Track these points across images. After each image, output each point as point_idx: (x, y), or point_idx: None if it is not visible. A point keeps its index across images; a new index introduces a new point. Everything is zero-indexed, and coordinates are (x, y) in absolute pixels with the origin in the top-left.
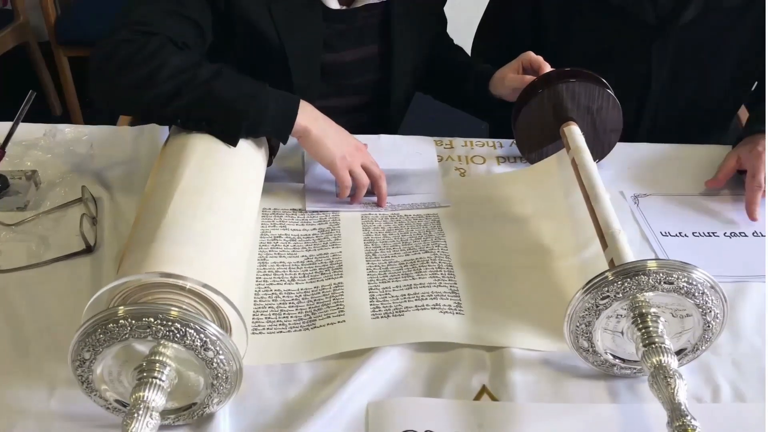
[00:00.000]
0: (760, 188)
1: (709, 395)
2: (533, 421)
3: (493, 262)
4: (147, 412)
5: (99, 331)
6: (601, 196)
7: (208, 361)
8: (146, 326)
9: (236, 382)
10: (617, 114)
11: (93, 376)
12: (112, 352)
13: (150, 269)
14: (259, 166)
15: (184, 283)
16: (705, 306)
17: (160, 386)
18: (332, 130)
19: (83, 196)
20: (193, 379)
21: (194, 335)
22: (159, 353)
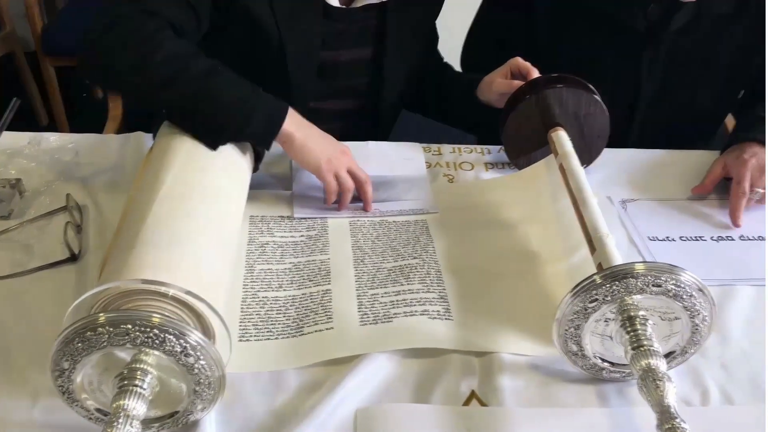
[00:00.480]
0: (744, 195)
1: (698, 398)
2: (522, 426)
3: (482, 267)
4: (127, 421)
5: (77, 340)
6: (589, 201)
7: (189, 367)
8: (124, 333)
9: (219, 387)
10: (604, 120)
11: (73, 385)
12: (92, 360)
13: (131, 276)
14: (243, 172)
15: (166, 290)
16: (693, 308)
17: (141, 394)
18: (316, 135)
19: (68, 204)
20: (175, 386)
21: (173, 341)
22: (140, 361)
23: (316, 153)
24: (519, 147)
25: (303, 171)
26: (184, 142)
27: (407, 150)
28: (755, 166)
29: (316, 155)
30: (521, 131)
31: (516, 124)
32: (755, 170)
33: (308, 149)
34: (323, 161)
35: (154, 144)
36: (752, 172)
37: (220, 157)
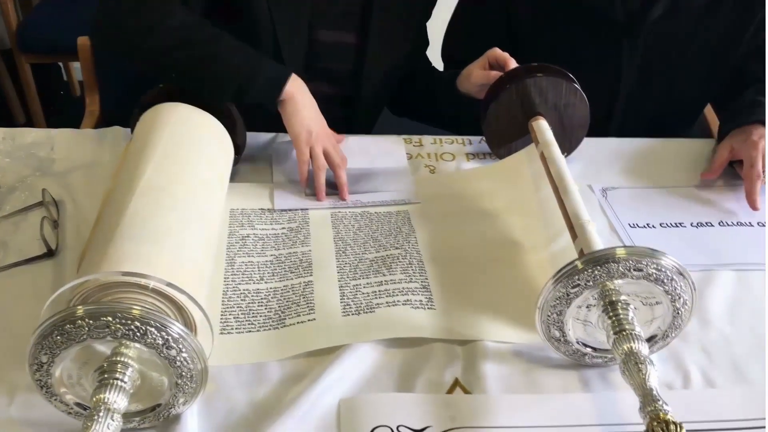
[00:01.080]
0: (759, 177)
1: (680, 382)
2: (506, 413)
3: (464, 257)
4: (108, 414)
5: (55, 333)
6: (570, 189)
7: (171, 359)
8: (104, 326)
9: (202, 381)
10: (584, 108)
11: (52, 380)
12: (71, 354)
13: (110, 268)
14: (222, 164)
15: (147, 282)
16: (674, 292)
17: (121, 387)
18: (311, 106)
19: (44, 200)
20: (156, 379)
21: (155, 333)
22: (120, 354)
23: (301, 121)
24: (500, 137)
25: (283, 164)
26: (163, 134)
27: (388, 143)
28: (762, 147)
29: (300, 123)
30: (502, 121)
31: (496, 114)
32: (761, 151)
33: (299, 114)
34: (304, 130)
35: (133, 137)
36: (763, 154)
37: (200, 150)
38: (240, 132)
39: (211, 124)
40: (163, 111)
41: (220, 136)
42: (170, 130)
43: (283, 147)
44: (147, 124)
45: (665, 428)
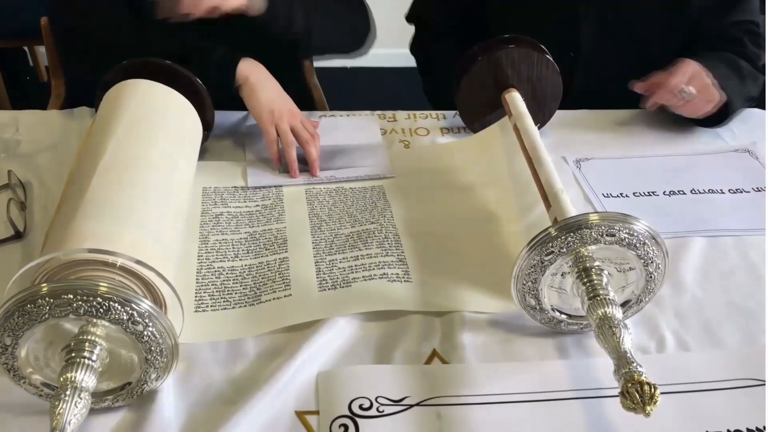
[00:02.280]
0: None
1: (654, 346)
2: (484, 381)
3: (440, 230)
4: (75, 392)
5: (17, 314)
6: (544, 159)
7: (138, 334)
8: (66, 304)
9: (172, 355)
10: (557, 80)
11: (18, 362)
12: (35, 335)
13: (72, 247)
14: (187, 139)
15: (114, 259)
16: (647, 257)
17: (89, 366)
18: (270, 85)
19: (10, 181)
20: (125, 356)
21: (119, 309)
22: (87, 332)
23: (262, 100)
24: (473, 111)
25: (256, 142)
26: (124, 112)
27: (361, 120)
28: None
29: (261, 102)
30: (475, 94)
31: (469, 88)
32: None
33: (257, 95)
34: (265, 110)
35: (96, 116)
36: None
37: (162, 125)
38: (209, 107)
39: (174, 100)
40: (124, 89)
41: (183, 111)
42: (131, 107)
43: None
44: (109, 102)
45: (639, 389)
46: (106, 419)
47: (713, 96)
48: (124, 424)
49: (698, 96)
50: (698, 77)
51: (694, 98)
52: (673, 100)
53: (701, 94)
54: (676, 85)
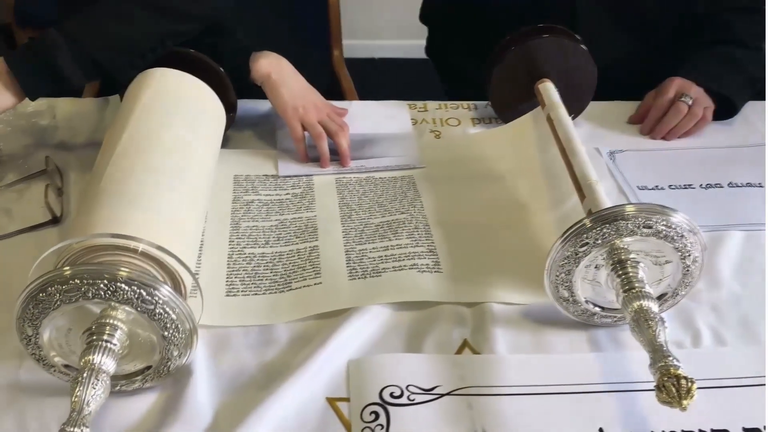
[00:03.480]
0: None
1: (690, 341)
2: (515, 372)
3: (471, 220)
4: (93, 374)
5: (31, 305)
6: (578, 149)
7: (150, 313)
8: (75, 289)
9: (191, 331)
10: (591, 70)
11: (43, 351)
12: (53, 322)
13: (84, 234)
14: (206, 122)
15: (136, 245)
16: (684, 250)
17: (109, 349)
18: (292, 81)
19: (47, 167)
20: (145, 337)
21: (125, 289)
22: (108, 316)
23: (285, 97)
24: (505, 101)
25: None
26: (139, 101)
27: (391, 108)
28: (681, 83)
29: (284, 99)
30: (507, 84)
31: (501, 78)
32: (677, 88)
33: (279, 91)
34: (290, 107)
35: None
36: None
37: (178, 111)
38: (229, 89)
39: (189, 83)
40: (142, 78)
41: (200, 94)
42: (146, 95)
43: None
44: (128, 93)
45: (676, 383)
46: (139, 402)
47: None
48: (157, 407)
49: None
50: (685, 90)
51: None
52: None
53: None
54: (667, 100)
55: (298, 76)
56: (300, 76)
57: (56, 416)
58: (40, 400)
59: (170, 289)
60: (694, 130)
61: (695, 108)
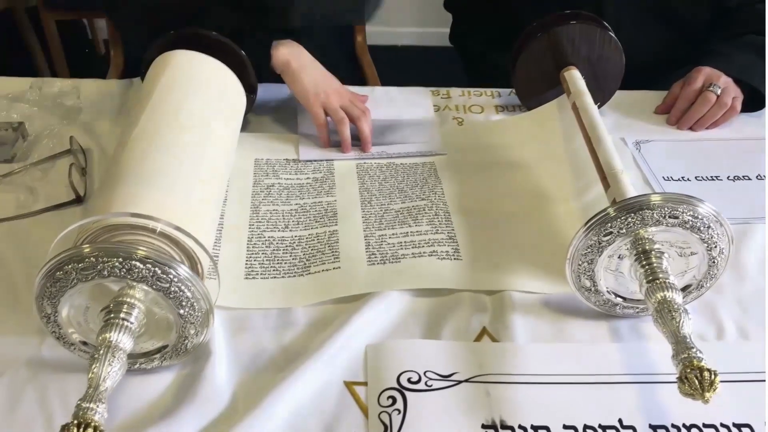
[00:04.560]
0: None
1: (713, 333)
2: (535, 361)
3: (492, 208)
4: (110, 351)
5: (49, 283)
6: (604, 138)
7: (165, 290)
8: (91, 267)
9: (207, 307)
10: (619, 58)
11: (62, 329)
12: (72, 300)
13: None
14: (224, 103)
15: (154, 225)
16: (710, 241)
17: (126, 327)
18: (312, 68)
19: (72, 147)
20: (161, 315)
21: (140, 267)
22: (125, 294)
23: (306, 84)
24: (530, 88)
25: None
26: (158, 83)
27: (414, 94)
28: (709, 72)
29: (305, 86)
30: (532, 72)
31: (527, 65)
32: (704, 78)
33: (300, 78)
34: (311, 93)
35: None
36: (700, 78)
37: (196, 91)
38: (249, 70)
39: (207, 65)
40: (161, 61)
41: (218, 75)
42: (164, 77)
43: None
44: (148, 76)
45: (699, 375)
46: (158, 380)
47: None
48: (176, 386)
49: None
50: (713, 79)
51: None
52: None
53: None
54: (695, 90)
55: (317, 64)
56: (319, 64)
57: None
58: (62, 376)
59: (185, 267)
60: (722, 120)
61: (724, 98)
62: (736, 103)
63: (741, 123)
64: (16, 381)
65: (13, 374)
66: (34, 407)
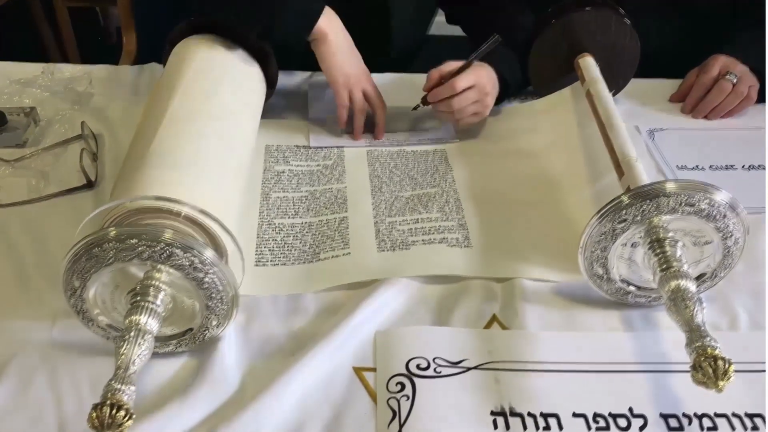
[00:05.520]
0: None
1: (726, 323)
2: (544, 349)
3: (503, 196)
4: (139, 334)
5: (84, 258)
6: (618, 126)
7: (199, 281)
8: (131, 248)
9: (233, 302)
10: (634, 46)
11: (86, 305)
12: (101, 278)
13: (139, 194)
14: (253, 97)
15: (180, 209)
16: (726, 230)
17: (153, 310)
18: (347, 47)
19: (83, 132)
20: (188, 303)
21: (181, 255)
22: (152, 278)
23: (339, 65)
24: (544, 75)
25: (319, 100)
26: (189, 67)
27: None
28: (726, 61)
29: (337, 66)
30: (546, 59)
31: (541, 51)
32: (720, 67)
33: (334, 57)
34: (341, 75)
35: (163, 72)
36: (716, 66)
37: (227, 81)
38: (272, 64)
39: (237, 55)
40: (189, 45)
41: (246, 66)
42: (195, 61)
43: (318, 85)
44: (175, 58)
45: (713, 363)
46: (169, 364)
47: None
48: (186, 369)
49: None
50: (729, 68)
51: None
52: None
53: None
54: (710, 78)
55: (349, 39)
56: (350, 39)
57: (87, 375)
58: (73, 359)
59: (224, 264)
60: (738, 109)
61: (740, 86)
62: (752, 92)
63: (756, 112)
64: (27, 364)
65: (24, 357)
66: (44, 389)
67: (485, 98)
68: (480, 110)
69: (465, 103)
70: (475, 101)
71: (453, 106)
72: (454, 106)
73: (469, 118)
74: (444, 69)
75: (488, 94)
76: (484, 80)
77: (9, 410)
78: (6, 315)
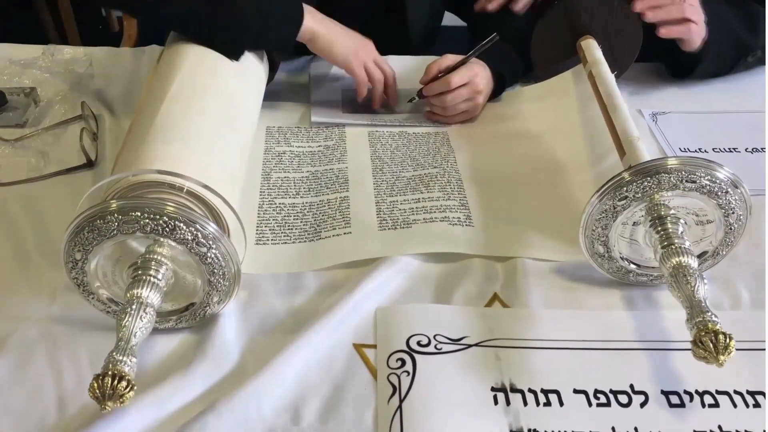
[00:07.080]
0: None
1: (728, 303)
2: (545, 327)
3: (505, 176)
4: (141, 308)
5: (86, 230)
6: (620, 106)
7: (202, 256)
8: (134, 221)
9: (234, 279)
10: (637, 28)
11: (87, 277)
12: (104, 250)
13: (142, 168)
14: (256, 78)
15: (182, 183)
16: (728, 207)
17: (155, 284)
18: (339, 29)
19: (83, 113)
20: (190, 279)
21: (184, 229)
22: (154, 252)
23: (343, 47)
24: (546, 57)
25: (321, 84)
26: (193, 46)
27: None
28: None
29: (344, 49)
30: (548, 41)
31: (543, 34)
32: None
33: (335, 44)
34: (351, 54)
35: (164, 50)
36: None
37: (230, 62)
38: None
39: None
40: None
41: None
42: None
43: (320, 67)
44: (178, 37)
45: (714, 338)
46: (169, 339)
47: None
48: (186, 345)
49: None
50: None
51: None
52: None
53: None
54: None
55: (335, 22)
56: (336, 22)
57: (87, 350)
58: (72, 335)
59: (227, 239)
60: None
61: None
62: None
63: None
64: (27, 340)
65: (23, 333)
66: (43, 365)
67: (477, 96)
68: (470, 108)
69: (457, 100)
70: (467, 99)
71: (445, 102)
72: (447, 102)
73: (459, 116)
74: (442, 63)
75: (480, 93)
76: (478, 78)
77: (8, 385)
78: (6, 292)
